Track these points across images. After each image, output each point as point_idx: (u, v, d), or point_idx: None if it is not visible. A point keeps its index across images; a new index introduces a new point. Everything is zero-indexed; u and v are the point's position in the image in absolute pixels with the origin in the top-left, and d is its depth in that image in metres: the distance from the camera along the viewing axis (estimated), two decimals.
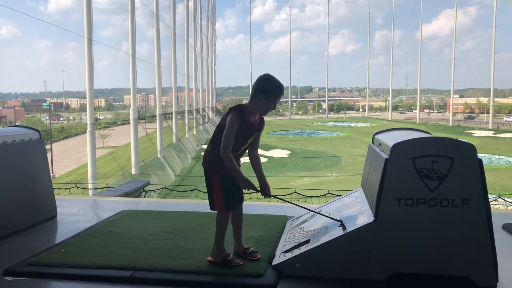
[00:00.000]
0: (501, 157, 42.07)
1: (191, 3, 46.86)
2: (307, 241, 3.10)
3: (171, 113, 38.27)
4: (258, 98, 2.99)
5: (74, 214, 4.79)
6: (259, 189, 3.12)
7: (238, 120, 2.95)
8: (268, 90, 2.98)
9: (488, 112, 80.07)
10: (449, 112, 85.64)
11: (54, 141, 38.71)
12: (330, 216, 3.23)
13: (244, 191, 3.17)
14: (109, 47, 28.46)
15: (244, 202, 3.32)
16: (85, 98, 20.72)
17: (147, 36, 33.55)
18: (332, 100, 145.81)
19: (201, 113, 56.58)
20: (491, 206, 2.93)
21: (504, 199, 12.23)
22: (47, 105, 47.07)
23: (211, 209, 3.16)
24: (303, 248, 3.01)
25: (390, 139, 3.05)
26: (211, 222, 3.79)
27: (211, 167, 3.10)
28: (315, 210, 3.58)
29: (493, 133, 64.19)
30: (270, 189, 3.17)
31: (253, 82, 3.22)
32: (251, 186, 3.00)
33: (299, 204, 3.65)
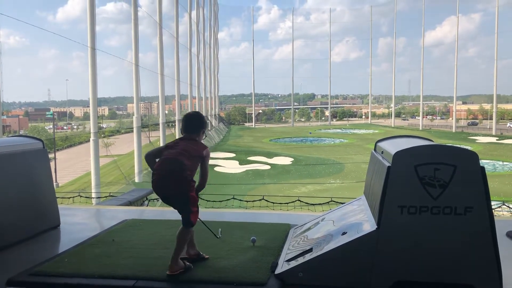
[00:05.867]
0: (505, 163, 41.94)
1: (194, 13, 47.19)
2: (310, 250, 3.09)
3: (174, 121, 38.40)
4: (201, 133, 3.48)
5: (77, 223, 4.79)
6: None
7: None
8: (206, 125, 3.56)
9: (491, 118, 79.94)
10: (452, 119, 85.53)
11: (58, 150, 38.82)
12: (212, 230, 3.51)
13: None
14: (113, 56, 28.59)
15: (247, 211, 3.34)
16: (88, 106, 20.82)
17: (153, 45, 33.70)
18: (335, 107, 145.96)
19: None
20: (495, 213, 2.92)
21: (508, 206, 12.17)
22: (51, 114, 47.20)
23: (191, 226, 3.23)
24: (307, 257, 3.01)
25: (392, 147, 3.04)
26: (214, 231, 3.79)
27: (190, 187, 3.24)
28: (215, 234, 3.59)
29: (497, 139, 64.08)
30: (272, 196, 3.25)
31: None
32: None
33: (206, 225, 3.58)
